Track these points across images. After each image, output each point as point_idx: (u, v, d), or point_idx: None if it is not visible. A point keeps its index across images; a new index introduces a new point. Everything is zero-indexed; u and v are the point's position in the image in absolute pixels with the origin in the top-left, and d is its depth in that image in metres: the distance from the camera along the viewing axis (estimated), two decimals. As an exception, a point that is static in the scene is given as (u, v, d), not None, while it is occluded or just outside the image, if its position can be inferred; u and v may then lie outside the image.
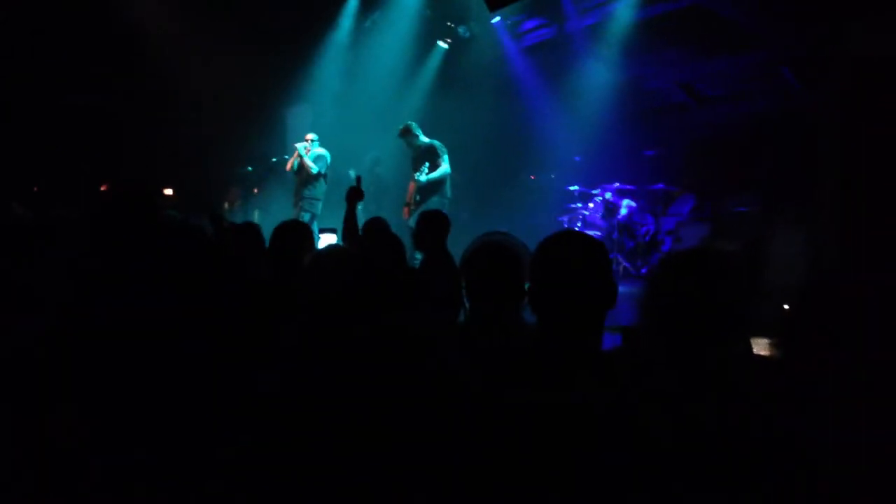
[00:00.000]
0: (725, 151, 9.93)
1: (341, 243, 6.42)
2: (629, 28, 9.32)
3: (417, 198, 8.45)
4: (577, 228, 10.44)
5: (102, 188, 9.27)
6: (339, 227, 5.48)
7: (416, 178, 8.39)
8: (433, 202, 8.19)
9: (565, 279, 2.05)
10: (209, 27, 10.04)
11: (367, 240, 5.00)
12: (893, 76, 6.64)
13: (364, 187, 10.77)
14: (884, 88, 6.72)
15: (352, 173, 11.10)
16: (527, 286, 2.18)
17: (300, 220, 9.24)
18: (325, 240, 7.15)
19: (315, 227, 9.40)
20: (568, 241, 2.15)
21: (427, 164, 8.33)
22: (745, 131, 9.63)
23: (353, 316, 2.34)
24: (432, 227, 5.08)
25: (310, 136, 9.86)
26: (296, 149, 9.81)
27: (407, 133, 8.66)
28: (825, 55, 7.38)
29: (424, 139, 8.60)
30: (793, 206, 8.07)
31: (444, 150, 8.45)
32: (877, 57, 6.80)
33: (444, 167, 8.36)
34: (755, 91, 9.67)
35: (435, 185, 8.38)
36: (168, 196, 10.26)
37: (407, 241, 5.13)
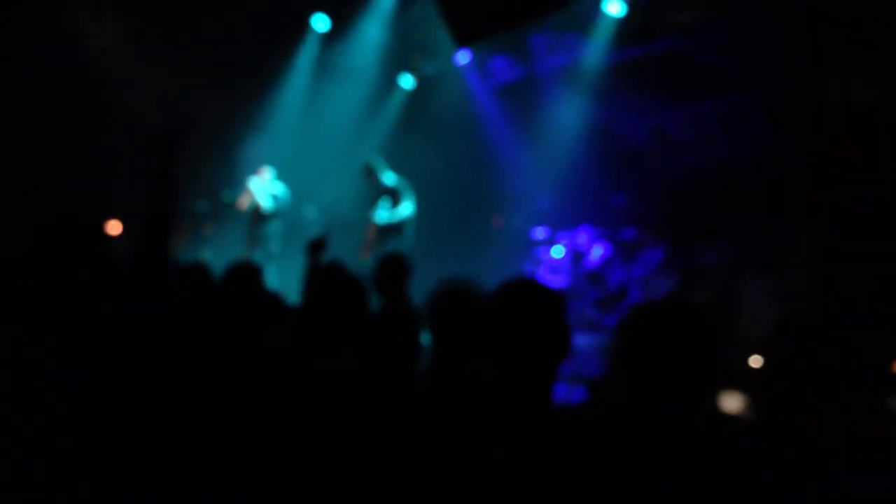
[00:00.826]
0: (696, 198, 9.94)
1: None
2: (600, 71, 9.34)
3: (378, 237, 8.17)
4: (542, 274, 10.34)
5: (45, 221, 8.95)
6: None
7: (375, 217, 8.11)
8: (393, 244, 7.90)
9: (517, 329, 2.05)
10: (168, 59, 9.87)
11: (323, 284, 4.74)
12: (864, 125, 6.73)
13: (323, 227, 10.56)
14: (855, 137, 6.80)
15: (310, 212, 10.84)
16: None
17: (253, 259, 8.95)
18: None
19: (272, 268, 9.09)
20: (521, 290, 2.14)
21: (388, 203, 8.06)
22: (716, 178, 9.69)
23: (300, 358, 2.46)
24: (391, 270, 4.89)
25: (264, 170, 9.55)
26: (250, 186, 9.51)
27: (369, 171, 8.37)
28: (797, 102, 7.47)
29: (388, 177, 8.35)
30: (764, 256, 8.08)
31: (409, 189, 8.18)
32: (848, 105, 6.89)
33: (407, 208, 8.09)
34: (727, 137, 9.77)
35: (396, 227, 8.08)
36: (114, 232, 9.91)
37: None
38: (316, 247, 5.07)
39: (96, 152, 10.03)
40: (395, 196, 8.16)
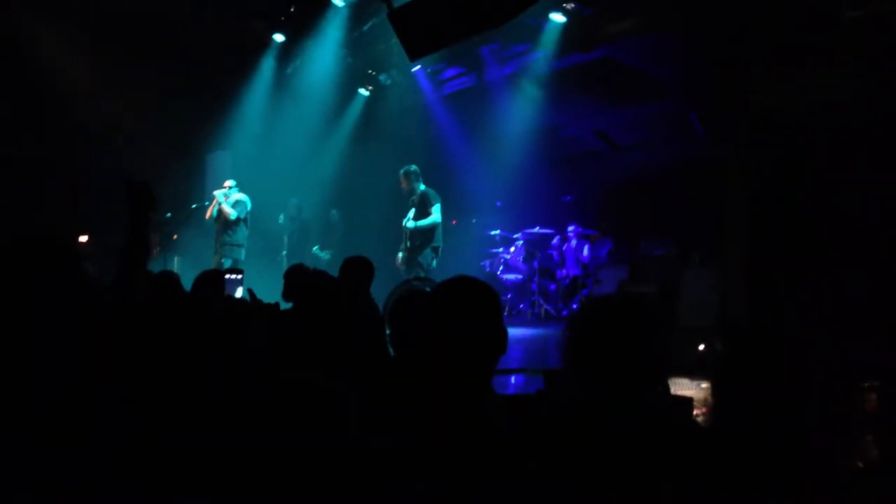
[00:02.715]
0: (640, 196, 10.28)
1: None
2: (546, 78, 9.59)
3: (408, 244, 8.52)
4: (498, 272, 10.65)
5: (11, 238, 9.05)
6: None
7: (404, 223, 8.51)
8: (427, 255, 8.39)
9: (452, 325, 2.04)
10: (128, 71, 9.98)
11: (289, 288, 4.98)
12: (792, 126, 7.03)
13: (289, 234, 10.81)
14: (784, 138, 7.11)
15: (281, 219, 11.07)
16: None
17: (220, 266, 9.15)
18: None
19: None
20: (455, 288, 2.12)
21: (417, 211, 8.46)
22: (658, 177, 9.97)
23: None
24: (355, 272, 5.13)
25: (228, 182, 9.81)
26: (215, 196, 9.73)
27: (407, 178, 8.70)
28: (728, 106, 7.75)
29: (421, 186, 8.67)
30: (704, 250, 8.35)
31: (438, 198, 8.55)
32: (776, 108, 7.19)
33: (435, 216, 8.47)
34: (666, 138, 10.05)
35: (426, 234, 8.49)
36: (83, 243, 10.02)
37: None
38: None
39: (66, 169, 10.15)
40: (423, 203, 8.50)
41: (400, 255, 8.68)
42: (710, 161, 8.40)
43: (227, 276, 6.53)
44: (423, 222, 8.46)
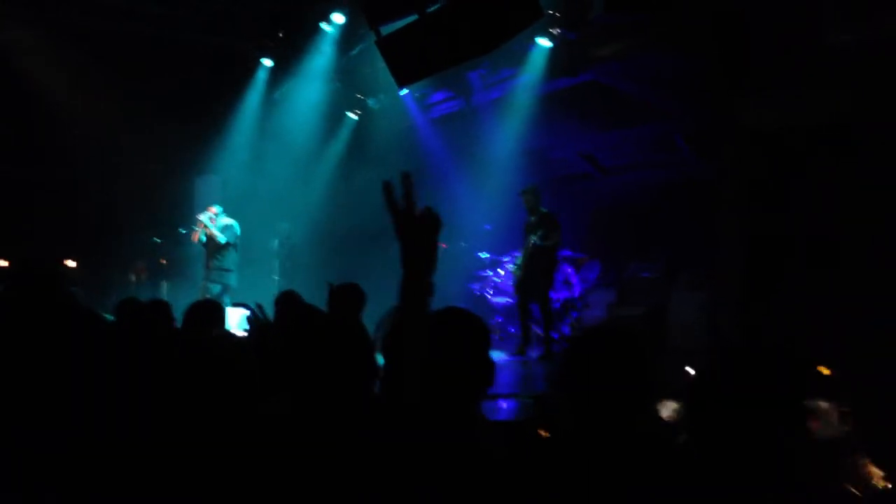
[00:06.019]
0: (629, 219, 10.31)
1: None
2: (532, 102, 9.64)
3: (526, 261, 8.70)
4: (488, 295, 10.63)
5: (3, 263, 9.10)
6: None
7: (532, 240, 8.60)
8: (550, 281, 8.62)
9: (439, 358, 2.06)
10: (118, 97, 10.00)
11: (281, 314, 4.97)
12: (777, 147, 7.10)
13: (280, 258, 10.77)
14: (769, 159, 7.17)
15: (275, 244, 11.04)
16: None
17: (209, 291, 9.10)
18: (234, 314, 6.76)
19: (227, 300, 9.21)
20: (443, 321, 2.15)
21: (542, 230, 8.56)
22: (646, 199, 10.01)
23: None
24: (346, 300, 5.11)
25: (213, 208, 9.73)
26: (199, 220, 9.63)
27: (533, 196, 8.82)
28: (714, 128, 7.82)
29: (542, 208, 8.80)
30: (692, 272, 8.38)
31: (555, 220, 8.71)
32: (763, 129, 7.25)
33: (558, 238, 8.62)
34: (654, 161, 10.09)
35: (551, 257, 8.68)
36: (71, 268, 9.98)
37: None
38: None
39: (54, 193, 10.12)
40: (549, 224, 8.62)
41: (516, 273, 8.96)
42: (698, 183, 8.52)
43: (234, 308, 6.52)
44: (549, 242, 8.58)
